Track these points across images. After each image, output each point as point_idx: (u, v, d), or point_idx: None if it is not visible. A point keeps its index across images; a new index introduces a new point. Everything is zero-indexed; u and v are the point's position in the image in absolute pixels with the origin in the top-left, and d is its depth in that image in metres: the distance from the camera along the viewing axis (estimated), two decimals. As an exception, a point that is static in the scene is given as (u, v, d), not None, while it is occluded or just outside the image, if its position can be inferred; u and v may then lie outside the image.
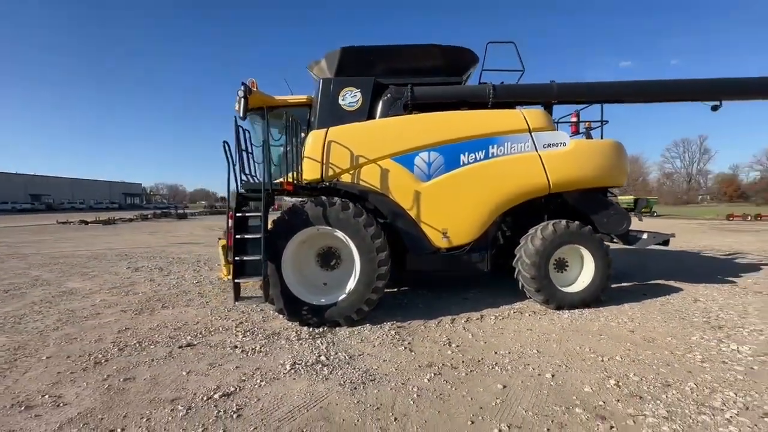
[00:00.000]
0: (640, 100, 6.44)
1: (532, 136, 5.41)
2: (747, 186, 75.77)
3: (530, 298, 5.57)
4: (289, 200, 7.29)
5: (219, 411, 2.91)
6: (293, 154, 5.33)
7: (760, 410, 2.81)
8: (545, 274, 5.29)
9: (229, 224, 5.05)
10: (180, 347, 4.17)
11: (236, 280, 4.59)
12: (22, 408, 2.96)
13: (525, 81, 6.08)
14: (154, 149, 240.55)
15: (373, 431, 2.65)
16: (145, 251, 12.36)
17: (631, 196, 42.11)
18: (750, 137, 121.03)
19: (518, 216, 5.91)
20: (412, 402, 3.03)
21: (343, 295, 4.87)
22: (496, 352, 3.96)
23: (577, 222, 5.43)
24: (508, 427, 2.67)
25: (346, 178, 5.26)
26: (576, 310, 5.31)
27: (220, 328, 4.77)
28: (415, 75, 5.72)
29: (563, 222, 5.39)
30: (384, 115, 5.53)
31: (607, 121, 6.02)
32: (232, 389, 3.22)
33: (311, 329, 4.70)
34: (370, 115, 5.53)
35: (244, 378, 3.44)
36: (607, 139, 5.87)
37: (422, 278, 7.27)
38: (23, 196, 58.70)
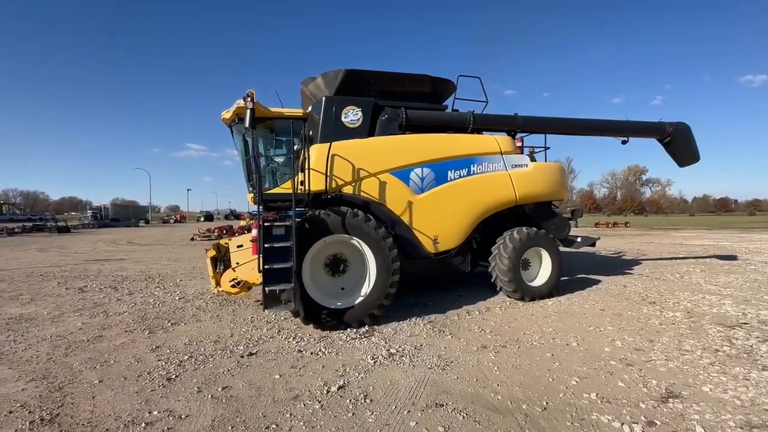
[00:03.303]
0: (578, 133, 8.02)
1: (503, 157, 6.54)
2: (600, 200, 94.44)
3: (501, 290, 6.57)
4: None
5: (348, 400, 3.19)
6: (293, 165, 5.57)
7: (713, 347, 4.24)
8: (517, 272, 6.36)
9: (253, 233, 5.15)
10: (242, 356, 4.15)
11: (266, 288, 4.69)
12: (143, 425, 2.81)
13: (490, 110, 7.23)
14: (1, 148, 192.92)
15: (490, 395, 3.27)
16: (60, 270, 10.50)
17: (568, 208, 49.70)
18: (601, 158, 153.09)
19: (487, 224, 6.67)
20: (498, 372, 3.72)
21: (360, 299, 5.28)
22: (524, 333, 4.89)
23: (543, 230, 6.73)
24: (579, 378, 3.56)
25: (349, 189, 5.62)
26: (554, 299, 6.62)
27: (265, 337, 4.77)
28: (407, 99, 6.41)
29: (532, 228, 6.59)
30: (381, 133, 6.07)
31: (549, 147, 7.60)
32: (341, 383, 3.49)
33: (353, 331, 5.01)
34: (369, 133, 6.03)
35: (341, 373, 3.70)
36: (554, 162, 7.40)
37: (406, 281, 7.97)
38: None
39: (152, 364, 3.92)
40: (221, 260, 6.46)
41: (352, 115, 5.90)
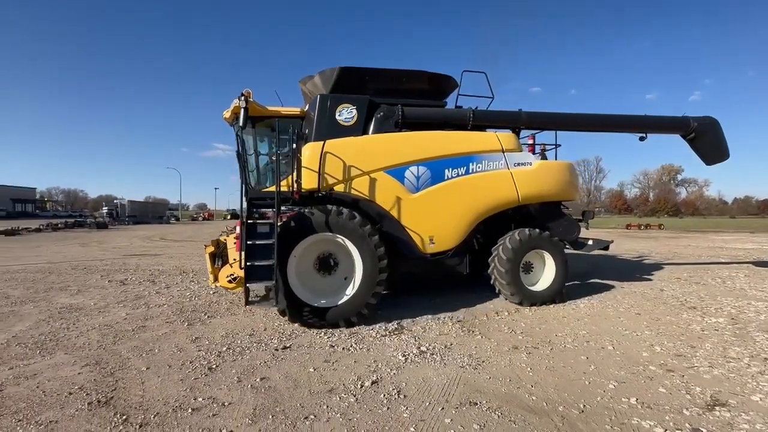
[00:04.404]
0: (586, 129, 7.63)
1: (505, 155, 6.20)
2: (631, 200, 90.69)
3: (501, 294, 6.29)
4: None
5: (382, 395, 3.24)
6: (292, 164, 5.56)
7: (761, 356, 4.03)
8: (516, 274, 6.05)
9: (237, 231, 5.18)
10: (276, 349, 4.28)
11: (247, 284, 4.79)
12: (189, 411, 2.96)
13: (494, 106, 6.90)
14: (46, 149, 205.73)
15: (524, 396, 3.25)
16: (101, 264, 11.11)
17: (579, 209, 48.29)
18: (631, 157, 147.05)
19: (489, 224, 6.43)
20: (531, 373, 3.68)
21: (345, 298, 5.21)
22: (556, 335, 4.80)
23: (540, 230, 6.28)
24: (617, 382, 3.48)
25: (341, 187, 5.52)
26: (585, 300, 6.46)
27: (297, 332, 4.90)
28: (405, 96, 6.21)
29: (534, 230, 6.21)
30: (377, 131, 5.92)
31: (560, 145, 7.18)
32: (374, 378, 3.55)
33: (383, 328, 5.07)
34: (364, 131, 5.90)
35: (373, 369, 3.77)
36: (563, 161, 6.90)
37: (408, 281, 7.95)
38: None
39: (193, 354, 4.11)
40: (219, 256, 6.56)
41: (346, 113, 5.85)
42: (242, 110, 5.06)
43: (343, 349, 4.32)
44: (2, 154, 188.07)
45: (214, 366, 3.81)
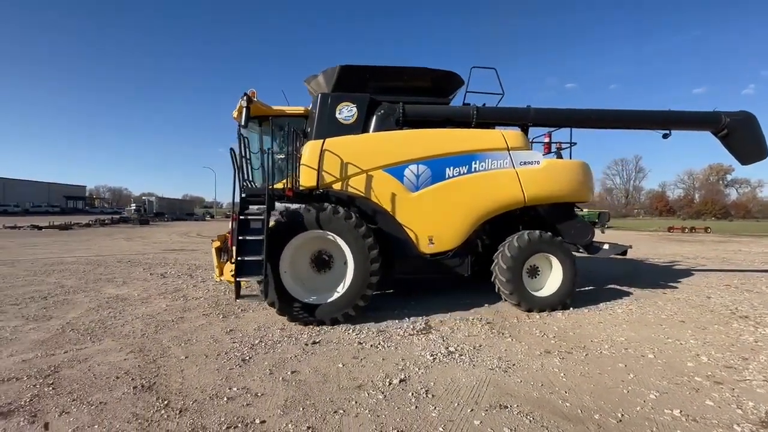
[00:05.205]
0: (603, 125, 7.06)
1: (510, 154, 5.93)
2: (674, 202, 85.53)
3: (502, 297, 6.03)
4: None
5: (410, 393, 3.24)
6: (292, 162, 5.66)
7: (821, 373, 3.70)
8: (518, 280, 5.77)
9: (232, 226, 5.24)
10: (306, 344, 4.38)
11: (238, 279, 4.86)
12: (225, 399, 3.09)
13: (505, 103, 6.64)
14: (94, 149, 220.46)
15: (557, 401, 3.14)
16: (144, 258, 11.78)
17: (596, 210, 46.25)
18: (675, 156, 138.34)
19: (496, 225, 6.25)
20: (564, 378, 3.56)
21: (335, 297, 5.20)
22: (592, 340, 4.61)
23: (547, 232, 5.95)
24: (659, 392, 3.30)
25: (339, 185, 5.53)
26: (623, 306, 6.16)
27: (326, 328, 4.99)
28: (406, 94, 6.14)
29: (535, 232, 5.89)
30: (377, 129, 5.90)
31: (575, 143, 6.79)
32: (402, 376, 3.55)
33: (410, 327, 5.06)
34: (365, 129, 5.89)
35: (401, 367, 3.77)
36: (575, 160, 6.54)
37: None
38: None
39: (228, 346, 4.28)
40: (226, 251, 6.76)
41: (346, 112, 5.86)
42: (244, 109, 5.20)
43: (371, 346, 4.35)
44: (58, 154, 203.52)
45: (247, 358, 3.95)
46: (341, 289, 5.24)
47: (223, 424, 2.74)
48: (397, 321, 5.32)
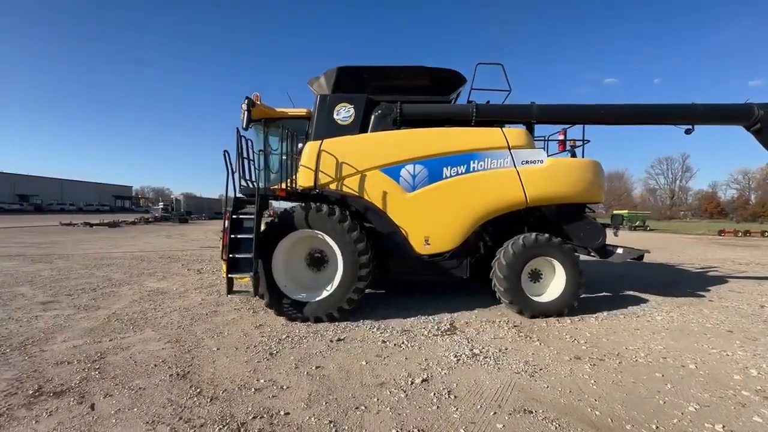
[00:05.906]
0: (615, 122, 6.54)
1: (511, 153, 5.67)
2: (726, 203, 79.48)
3: (501, 301, 5.77)
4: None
5: (432, 393, 3.23)
6: (289, 163, 5.76)
7: None
8: (517, 285, 5.53)
9: (225, 225, 5.28)
10: (331, 341, 4.46)
11: (229, 275, 5.03)
12: (252, 390, 3.22)
13: (512, 100, 6.32)
14: (139, 150, 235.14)
15: (586, 409, 3.03)
16: (182, 254, 12.41)
17: (625, 211, 43.94)
18: (727, 155, 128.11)
19: (500, 227, 6.04)
20: (595, 386, 3.42)
21: (323, 296, 5.29)
22: (626, 348, 4.39)
23: (546, 235, 5.64)
24: (699, 404, 3.10)
25: (335, 186, 5.55)
26: (663, 313, 5.82)
27: (351, 325, 5.06)
28: (405, 93, 6.04)
29: (531, 235, 5.61)
30: (375, 129, 5.84)
31: (588, 141, 6.35)
32: (425, 376, 3.54)
33: (435, 327, 5.03)
34: (362, 129, 5.83)
35: (424, 367, 3.76)
36: (584, 158, 6.17)
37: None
38: (9, 196, 56.59)
39: (257, 340, 4.44)
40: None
41: (344, 112, 5.86)
42: (245, 113, 5.39)
43: (395, 345, 4.37)
44: (107, 156, 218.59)
45: (274, 352, 4.09)
46: (330, 288, 5.35)
47: (249, 414, 2.86)
48: (422, 321, 5.32)
